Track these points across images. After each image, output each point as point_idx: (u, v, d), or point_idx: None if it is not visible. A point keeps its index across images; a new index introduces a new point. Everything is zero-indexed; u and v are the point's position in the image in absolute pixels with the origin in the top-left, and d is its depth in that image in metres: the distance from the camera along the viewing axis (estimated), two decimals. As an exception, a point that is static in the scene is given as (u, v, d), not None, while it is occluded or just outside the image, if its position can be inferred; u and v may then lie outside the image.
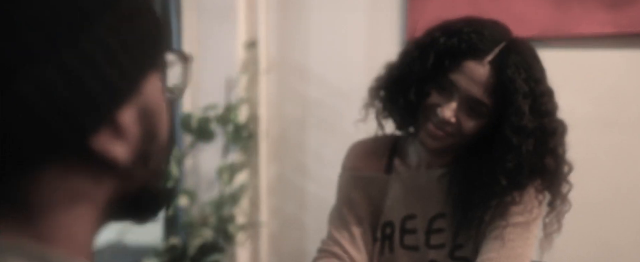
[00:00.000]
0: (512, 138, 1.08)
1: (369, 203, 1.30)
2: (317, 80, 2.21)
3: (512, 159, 1.09)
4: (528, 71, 1.08)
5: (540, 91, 1.10)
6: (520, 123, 1.07)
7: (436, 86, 1.13)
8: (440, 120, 1.11)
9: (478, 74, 1.08)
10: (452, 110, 1.10)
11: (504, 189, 1.12)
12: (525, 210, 1.15)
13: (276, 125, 2.29)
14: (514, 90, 1.07)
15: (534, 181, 1.14)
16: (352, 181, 1.32)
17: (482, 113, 1.11)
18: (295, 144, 2.27)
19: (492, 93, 1.08)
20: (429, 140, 1.15)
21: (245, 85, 2.26)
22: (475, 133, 1.13)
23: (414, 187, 1.26)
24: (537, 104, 1.09)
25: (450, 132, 1.12)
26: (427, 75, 1.13)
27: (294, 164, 2.28)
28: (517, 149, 1.08)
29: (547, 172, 1.14)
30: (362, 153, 1.34)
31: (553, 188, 1.17)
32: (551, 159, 1.13)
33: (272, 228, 2.35)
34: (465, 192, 1.17)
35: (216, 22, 2.26)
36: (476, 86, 1.08)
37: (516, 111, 1.07)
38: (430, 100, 1.13)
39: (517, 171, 1.10)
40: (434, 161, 1.25)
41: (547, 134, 1.11)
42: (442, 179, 1.22)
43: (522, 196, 1.14)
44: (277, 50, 2.26)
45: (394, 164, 1.31)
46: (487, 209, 1.14)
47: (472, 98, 1.09)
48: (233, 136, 2.14)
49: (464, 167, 1.19)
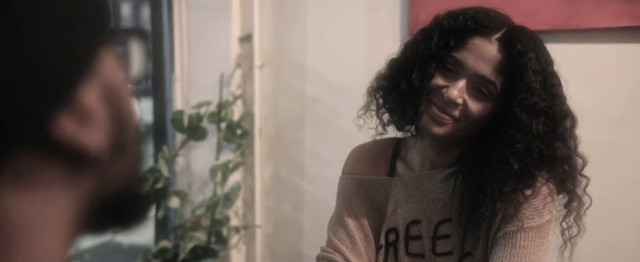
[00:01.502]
0: (522, 116, 1.02)
1: (370, 208, 1.24)
2: (314, 76, 2.12)
3: (522, 139, 1.03)
4: (538, 51, 1.04)
5: (550, 72, 1.06)
6: (530, 100, 1.02)
7: (441, 67, 1.08)
8: (445, 103, 1.06)
9: (486, 51, 1.04)
10: (458, 90, 1.05)
11: (513, 177, 1.05)
12: (537, 212, 1.08)
13: (271, 123, 2.21)
14: (524, 65, 1.02)
15: (544, 169, 1.07)
16: (353, 185, 1.26)
17: (490, 94, 1.05)
18: (292, 143, 2.18)
19: (500, 71, 1.04)
20: (433, 126, 1.09)
21: (239, 82, 2.17)
22: (481, 120, 1.07)
23: (418, 190, 1.20)
24: (548, 84, 1.04)
25: (457, 116, 1.06)
26: (431, 56, 1.09)
27: (290, 164, 2.20)
28: (527, 128, 1.03)
29: (558, 160, 1.07)
30: (362, 157, 1.29)
31: (566, 184, 1.10)
32: (561, 146, 1.07)
33: (268, 230, 2.27)
34: (471, 191, 1.10)
35: (208, 15, 2.18)
36: (484, 64, 1.04)
37: (527, 87, 1.02)
38: (435, 82, 1.08)
39: (527, 153, 1.03)
40: (438, 161, 1.19)
41: (557, 118, 1.05)
42: (447, 180, 1.15)
43: (533, 194, 1.07)
44: (273, 44, 2.18)
45: (396, 167, 1.25)
46: (495, 208, 1.07)
47: (480, 77, 1.04)
48: (226, 134, 2.06)
49: (469, 164, 1.13)
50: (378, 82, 1.23)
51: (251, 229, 2.24)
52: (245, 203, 2.24)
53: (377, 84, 1.23)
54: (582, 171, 1.12)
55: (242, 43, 2.17)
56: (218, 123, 2.09)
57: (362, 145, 1.32)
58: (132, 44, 0.40)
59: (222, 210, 2.15)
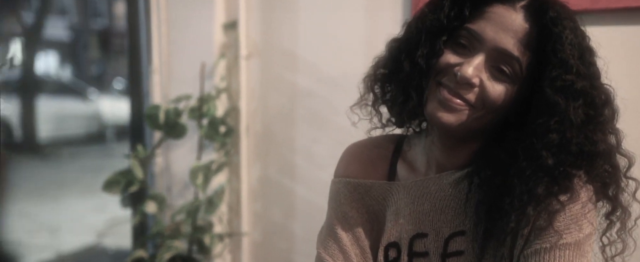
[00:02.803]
0: (556, 97, 0.85)
1: (368, 218, 1.06)
2: (306, 67, 1.91)
3: (556, 128, 0.85)
4: (573, 20, 0.88)
5: (588, 48, 0.89)
6: (566, 78, 0.85)
7: (453, 42, 0.92)
8: (458, 83, 0.89)
9: (510, 20, 0.88)
10: (474, 67, 0.88)
11: (546, 176, 0.85)
12: (576, 223, 0.88)
13: (259, 119, 2.00)
14: (558, 35, 0.85)
15: (582, 169, 0.88)
16: (346, 190, 1.08)
17: (513, 74, 0.88)
18: (282, 141, 1.97)
19: (526, 46, 0.87)
20: (441, 112, 0.91)
21: (223, 73, 1.96)
22: (502, 107, 0.90)
23: (423, 196, 1.00)
24: (586, 61, 0.88)
25: (472, 101, 0.89)
26: (440, 29, 0.93)
27: (280, 164, 1.99)
28: (563, 113, 0.85)
29: (599, 157, 0.88)
30: (358, 156, 1.11)
31: (608, 188, 0.91)
32: (603, 139, 0.88)
33: (255, 238, 2.06)
34: (491, 197, 0.91)
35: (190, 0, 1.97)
36: (507, 35, 0.87)
37: (562, 62, 0.85)
38: (445, 60, 0.92)
39: (563, 145, 0.85)
40: (447, 162, 1.00)
41: (597, 104, 0.87)
42: (459, 184, 0.96)
43: (570, 200, 0.87)
44: (261, 32, 1.97)
45: (397, 169, 1.07)
46: (523, 216, 0.87)
47: (502, 51, 0.88)
48: (208, 131, 1.85)
49: (488, 163, 0.93)
50: (376, 69, 1.04)
51: (237, 236, 2.03)
52: (230, 208, 2.03)
53: (375, 71, 1.04)
54: (627, 173, 0.92)
55: (227, 31, 1.96)
56: (199, 119, 1.88)
57: (358, 143, 1.13)
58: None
59: (204, 216, 1.94)
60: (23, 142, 7.58)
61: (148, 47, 2.01)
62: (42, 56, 9.97)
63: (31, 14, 8.37)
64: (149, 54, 2.02)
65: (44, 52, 10.16)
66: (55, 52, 13.63)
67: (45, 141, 7.76)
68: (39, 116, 7.74)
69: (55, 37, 12.93)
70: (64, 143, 7.77)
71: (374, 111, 1.05)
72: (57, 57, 13.72)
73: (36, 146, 7.61)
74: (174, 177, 2.03)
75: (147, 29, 2.00)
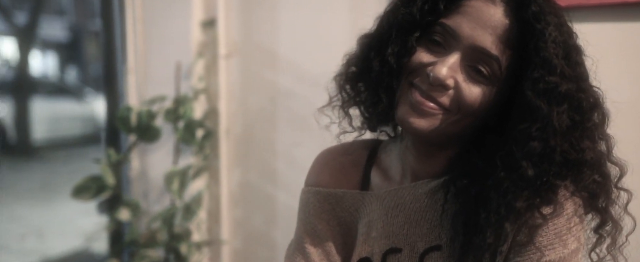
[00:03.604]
0: (538, 101, 0.76)
1: (340, 231, 0.98)
2: (288, 66, 1.82)
3: (538, 135, 0.76)
4: (558, 16, 0.79)
5: (574, 46, 0.80)
6: (549, 80, 0.76)
7: (426, 39, 0.83)
8: (431, 85, 0.80)
9: (488, 15, 0.79)
10: (449, 67, 0.79)
11: (527, 188, 0.77)
12: (560, 238, 0.79)
13: (239, 121, 1.91)
14: (541, 32, 0.77)
15: (568, 179, 0.79)
16: (316, 201, 0.99)
17: (492, 75, 0.79)
18: (263, 144, 1.88)
19: (506, 43, 0.78)
20: (412, 117, 0.82)
21: (201, 73, 1.87)
22: (480, 111, 0.81)
23: (397, 208, 0.91)
24: (572, 61, 0.78)
25: (446, 105, 0.81)
26: (412, 25, 0.84)
27: (261, 168, 1.90)
28: (546, 119, 0.76)
29: (586, 166, 0.79)
30: (329, 164, 1.02)
31: (597, 200, 0.82)
32: (591, 146, 0.79)
33: (236, 246, 1.97)
34: (468, 209, 0.82)
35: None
36: (485, 32, 0.78)
37: (545, 62, 0.76)
38: (417, 58, 0.83)
39: (546, 153, 0.76)
40: (422, 170, 0.91)
41: (585, 108, 0.78)
42: (435, 194, 0.87)
43: (553, 212, 0.79)
44: (240, 30, 1.87)
45: (371, 178, 0.98)
46: (501, 231, 0.79)
47: (479, 50, 0.79)
48: (184, 134, 1.75)
49: (465, 172, 0.85)
50: (347, 68, 0.95)
51: (216, 245, 1.93)
52: (209, 215, 1.93)
53: (346, 70, 0.95)
54: (619, 183, 0.83)
55: (205, 29, 1.87)
56: (175, 122, 1.79)
57: (330, 149, 1.05)
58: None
59: (182, 223, 1.84)
60: (17, 143, 7.51)
61: (123, 45, 1.92)
62: (41, 57, 9.91)
63: (25, 13, 8.30)
64: (123, 53, 1.93)
65: (42, 53, 10.09)
66: (54, 53, 13.57)
67: (40, 143, 7.69)
68: (34, 117, 7.67)
69: (54, 37, 12.88)
70: (58, 145, 7.70)
71: (343, 113, 0.96)
72: (56, 58, 13.67)
73: (30, 147, 7.54)
74: (150, 182, 1.94)
75: (121, 26, 1.91)
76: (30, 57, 8.71)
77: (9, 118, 7.52)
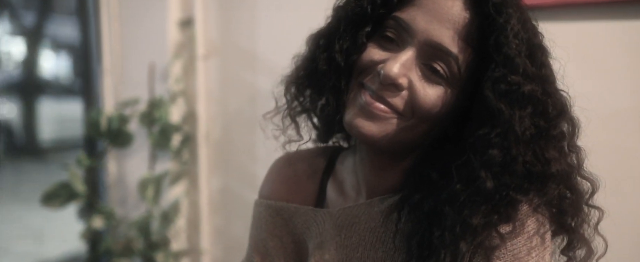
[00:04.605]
0: (499, 103, 0.68)
1: (293, 249, 0.90)
2: (268, 67, 1.73)
3: (498, 142, 0.68)
4: (522, 12, 0.71)
5: (539, 45, 0.72)
6: (511, 79, 0.68)
7: (378, 36, 0.75)
8: (381, 85, 0.72)
9: (445, 7, 0.71)
10: (401, 64, 0.71)
11: (484, 203, 0.68)
12: (518, 261, 0.70)
13: (219, 124, 1.82)
14: (502, 26, 0.68)
15: (530, 193, 0.70)
16: (268, 215, 0.92)
17: (449, 74, 0.71)
18: (243, 149, 1.79)
19: (465, 39, 0.70)
20: (361, 121, 0.73)
21: (178, 75, 1.78)
22: (437, 115, 0.73)
23: (351, 227, 0.83)
24: (537, 60, 0.70)
25: (399, 108, 0.72)
26: (363, 19, 0.76)
27: (241, 174, 1.81)
28: (507, 123, 0.68)
29: (552, 180, 0.70)
30: (283, 174, 0.95)
31: (565, 218, 0.73)
32: (557, 157, 0.70)
33: (216, 255, 1.89)
34: (421, 227, 0.73)
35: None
36: (441, 26, 0.70)
37: (506, 59, 0.68)
38: (367, 56, 0.75)
39: (507, 163, 0.68)
40: (377, 184, 0.82)
41: (551, 113, 0.70)
42: (391, 213, 0.78)
43: (513, 232, 0.69)
44: (219, 30, 1.79)
45: (327, 191, 0.89)
46: (457, 252, 0.69)
47: (435, 45, 0.71)
48: (159, 139, 1.67)
49: (419, 185, 0.75)
50: (297, 71, 0.86)
51: (196, 254, 1.85)
52: (188, 222, 1.85)
53: (296, 73, 0.86)
54: (591, 200, 0.74)
55: (183, 29, 1.79)
56: (150, 126, 1.71)
57: (286, 156, 0.97)
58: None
59: (160, 231, 1.76)
60: (23, 144, 7.50)
61: (97, 46, 1.84)
62: (54, 58, 9.90)
63: (33, 13, 8.29)
64: (98, 54, 1.85)
65: (55, 53, 10.09)
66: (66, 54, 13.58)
67: (46, 144, 7.67)
68: (42, 118, 7.66)
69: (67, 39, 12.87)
70: (65, 146, 7.69)
71: (289, 121, 0.87)
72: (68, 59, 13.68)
73: (36, 148, 7.53)
74: (127, 189, 1.86)
75: (96, 25, 1.83)
76: (40, 57, 8.70)
77: (16, 119, 7.52)
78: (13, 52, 9.02)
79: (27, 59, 8.09)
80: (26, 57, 8.12)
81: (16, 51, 8.89)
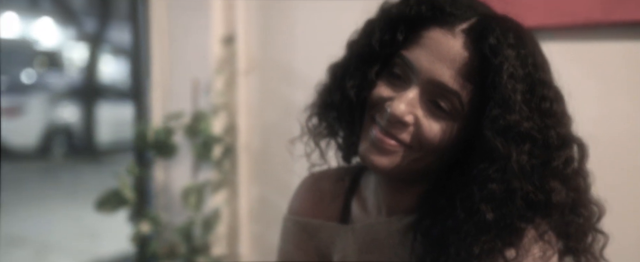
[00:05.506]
0: (495, 142, 0.71)
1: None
2: (306, 82, 1.79)
3: (497, 177, 0.71)
4: (520, 48, 0.73)
5: (540, 80, 0.73)
6: (507, 118, 0.71)
7: (386, 72, 0.80)
8: (389, 121, 0.76)
9: (447, 47, 0.74)
10: (407, 102, 0.75)
11: (486, 232, 0.72)
12: None
13: (258, 137, 1.90)
14: (498, 67, 0.71)
15: (535, 220, 0.73)
16: (295, 230, 0.98)
17: (453, 110, 0.75)
18: (281, 160, 1.87)
19: (467, 77, 0.74)
20: (373, 155, 0.79)
21: (221, 89, 1.88)
22: (443, 147, 0.77)
23: (372, 243, 0.88)
24: (536, 96, 0.73)
25: (407, 141, 0.77)
26: (372, 57, 0.81)
27: (279, 184, 1.88)
28: (505, 160, 0.71)
29: (555, 209, 0.73)
30: (311, 191, 1.01)
31: (570, 242, 0.78)
32: (559, 188, 0.72)
33: (254, 260, 1.95)
34: (431, 252, 0.78)
35: (187, 13, 1.90)
36: (443, 65, 0.74)
37: (502, 100, 0.71)
38: (377, 93, 0.79)
39: (507, 197, 0.71)
40: (394, 204, 0.87)
41: (551, 146, 0.72)
42: (408, 232, 0.83)
43: (518, 256, 0.73)
44: (259, 46, 1.87)
45: (352, 208, 0.94)
46: None
47: (438, 84, 0.74)
48: (201, 151, 1.77)
49: (430, 211, 0.80)
50: (317, 98, 0.93)
51: (234, 259, 1.94)
52: (228, 229, 1.94)
53: (317, 100, 0.93)
54: (597, 224, 0.76)
55: (225, 45, 1.88)
56: (193, 137, 1.81)
57: (314, 174, 1.03)
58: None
59: (202, 237, 1.86)
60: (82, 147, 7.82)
61: (146, 60, 1.96)
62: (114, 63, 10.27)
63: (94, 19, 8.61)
64: (147, 68, 1.97)
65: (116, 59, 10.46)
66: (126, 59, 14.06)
67: (104, 146, 7.97)
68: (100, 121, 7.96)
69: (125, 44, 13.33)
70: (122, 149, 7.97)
71: (314, 145, 0.94)
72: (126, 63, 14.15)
73: (95, 150, 7.83)
74: (172, 196, 1.97)
75: (146, 41, 1.95)
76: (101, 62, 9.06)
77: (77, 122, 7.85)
78: (75, 58, 9.44)
79: (88, 64, 8.44)
80: (87, 62, 8.47)
81: (78, 56, 9.29)
